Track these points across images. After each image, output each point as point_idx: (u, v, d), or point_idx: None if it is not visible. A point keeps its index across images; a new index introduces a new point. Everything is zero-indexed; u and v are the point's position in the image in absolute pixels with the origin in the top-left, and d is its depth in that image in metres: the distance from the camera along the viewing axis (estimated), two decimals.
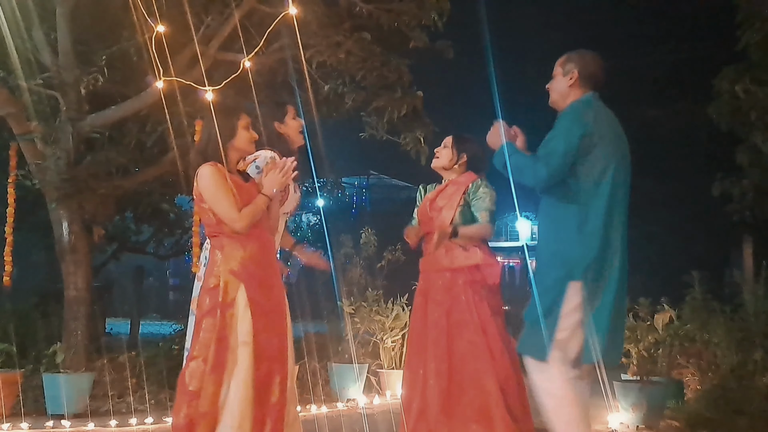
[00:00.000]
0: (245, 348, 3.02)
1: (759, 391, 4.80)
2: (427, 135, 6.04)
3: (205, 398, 2.98)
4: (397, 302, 6.40)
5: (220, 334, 3.03)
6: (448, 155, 4.03)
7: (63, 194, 5.57)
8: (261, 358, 3.05)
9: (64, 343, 5.52)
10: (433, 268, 3.96)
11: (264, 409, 3.04)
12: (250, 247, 3.14)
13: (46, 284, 9.45)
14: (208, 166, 3.15)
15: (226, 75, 5.13)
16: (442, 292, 3.90)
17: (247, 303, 3.07)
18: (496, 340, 3.82)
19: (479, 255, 3.90)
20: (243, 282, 3.09)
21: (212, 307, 3.07)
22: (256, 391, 3.02)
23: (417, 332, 3.98)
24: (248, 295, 3.08)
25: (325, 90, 6.06)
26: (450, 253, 3.92)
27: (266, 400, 3.05)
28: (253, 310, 3.07)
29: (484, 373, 3.73)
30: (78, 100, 5.61)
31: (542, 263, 3.31)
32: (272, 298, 3.18)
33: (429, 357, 3.83)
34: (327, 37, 5.68)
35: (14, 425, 4.78)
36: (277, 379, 3.08)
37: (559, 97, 3.33)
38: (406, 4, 5.79)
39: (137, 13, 4.88)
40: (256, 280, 3.12)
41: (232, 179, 3.15)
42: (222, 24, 5.68)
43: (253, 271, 3.12)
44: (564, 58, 3.35)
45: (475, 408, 3.71)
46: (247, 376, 3.00)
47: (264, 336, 3.08)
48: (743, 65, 7.06)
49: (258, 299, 3.10)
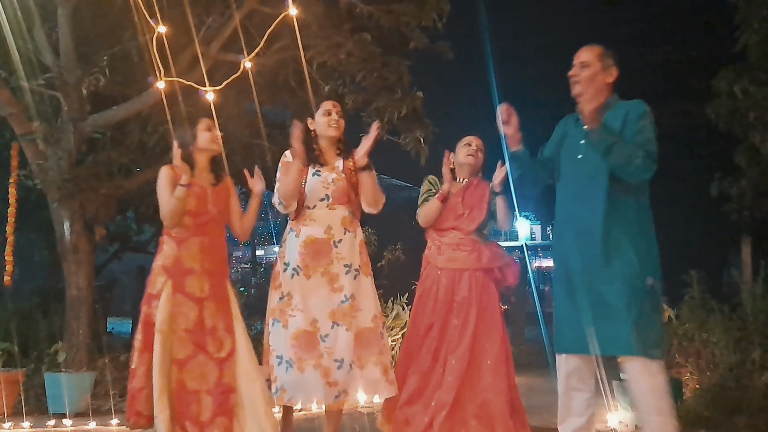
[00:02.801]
0: (159, 335, 3.46)
1: (757, 390, 4.82)
2: (427, 135, 6.06)
3: (140, 375, 3.51)
4: (397, 302, 6.42)
5: (147, 321, 3.54)
6: (481, 159, 4.13)
7: (64, 194, 5.59)
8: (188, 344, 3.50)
9: (66, 343, 5.54)
10: (464, 266, 3.98)
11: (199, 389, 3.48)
12: (188, 246, 3.58)
13: (48, 284, 9.47)
14: (164, 167, 3.65)
15: (226, 75, 5.17)
16: (473, 291, 3.94)
17: (169, 296, 3.51)
18: (507, 341, 3.93)
19: (506, 255, 4.00)
20: (170, 278, 3.55)
21: (145, 298, 3.60)
22: (188, 373, 3.47)
23: (441, 330, 3.95)
24: (173, 289, 3.53)
25: (326, 90, 6.08)
26: (482, 253, 3.97)
27: (201, 382, 3.48)
28: (174, 302, 3.51)
29: (495, 369, 3.80)
30: (79, 101, 5.63)
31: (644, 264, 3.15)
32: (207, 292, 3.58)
33: (449, 354, 3.85)
34: (327, 37, 5.70)
35: (16, 424, 4.80)
36: (211, 364, 3.50)
37: (595, 91, 3.20)
38: (406, 5, 5.81)
39: (138, 14, 4.90)
40: (185, 276, 3.55)
41: (192, 181, 3.58)
42: (223, 25, 5.70)
43: (184, 269, 3.56)
44: (600, 50, 3.24)
45: (478, 404, 3.76)
46: (162, 358, 3.43)
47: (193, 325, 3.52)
48: (742, 66, 7.08)
49: (185, 293, 3.53)
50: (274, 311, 3.70)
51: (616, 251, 3.10)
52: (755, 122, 6.96)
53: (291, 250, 3.71)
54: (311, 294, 3.64)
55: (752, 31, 6.88)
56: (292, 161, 3.72)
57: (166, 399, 3.41)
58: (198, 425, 3.44)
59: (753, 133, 7.05)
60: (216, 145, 3.71)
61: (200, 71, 5.11)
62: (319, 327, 3.61)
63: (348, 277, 3.66)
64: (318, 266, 3.65)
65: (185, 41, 5.43)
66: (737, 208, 7.95)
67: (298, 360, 3.57)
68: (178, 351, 3.49)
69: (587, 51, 3.24)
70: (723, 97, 6.93)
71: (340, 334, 3.61)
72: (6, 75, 5.69)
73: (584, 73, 3.21)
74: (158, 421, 3.40)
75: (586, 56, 3.23)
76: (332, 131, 3.77)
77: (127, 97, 5.80)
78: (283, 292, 3.68)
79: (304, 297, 3.64)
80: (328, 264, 3.65)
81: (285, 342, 3.61)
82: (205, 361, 3.51)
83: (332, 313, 3.62)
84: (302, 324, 3.60)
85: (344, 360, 3.59)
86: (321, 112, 3.79)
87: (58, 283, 8.09)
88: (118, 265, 11.39)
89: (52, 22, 5.62)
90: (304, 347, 3.57)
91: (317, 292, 3.64)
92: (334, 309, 3.62)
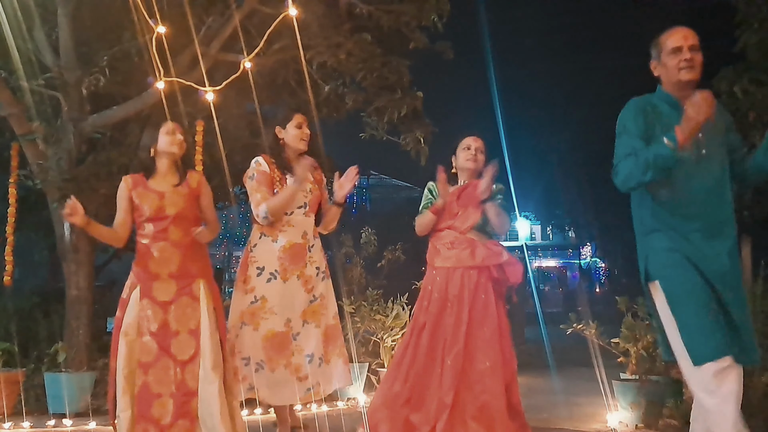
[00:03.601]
0: (123, 338, 3.59)
1: (757, 390, 4.82)
2: (427, 135, 6.06)
3: (112, 374, 3.62)
4: (397, 301, 6.42)
5: (117, 324, 3.65)
6: (482, 160, 4.10)
7: (64, 194, 5.58)
8: (152, 348, 3.58)
9: (66, 342, 5.54)
10: (458, 264, 3.97)
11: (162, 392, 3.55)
12: (153, 251, 3.66)
13: (48, 284, 9.48)
14: (123, 179, 3.80)
15: (226, 75, 5.16)
16: (465, 289, 3.92)
17: (137, 301, 3.62)
18: (508, 340, 3.89)
19: (505, 254, 3.96)
20: (139, 283, 3.66)
21: (120, 302, 3.69)
22: (152, 375, 3.55)
23: (434, 329, 3.94)
24: (141, 294, 3.63)
25: (326, 91, 6.08)
26: (476, 251, 3.95)
27: (164, 385, 3.56)
28: (141, 306, 3.62)
29: (492, 371, 3.78)
30: (79, 101, 5.63)
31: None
32: (173, 295, 3.65)
33: (447, 354, 3.85)
34: (327, 38, 5.69)
35: (16, 424, 4.80)
36: (175, 367, 3.58)
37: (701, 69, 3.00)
38: (406, 5, 5.81)
39: (138, 14, 4.90)
40: (152, 281, 3.64)
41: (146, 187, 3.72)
42: (223, 25, 5.70)
43: (151, 274, 3.65)
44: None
45: (478, 405, 3.75)
46: (127, 360, 3.57)
47: (158, 329, 3.60)
48: (742, 66, 7.08)
49: (151, 297, 3.62)
50: (243, 314, 3.87)
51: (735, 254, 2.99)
52: (755, 122, 6.97)
53: (266, 254, 3.91)
54: (287, 296, 3.87)
55: (752, 31, 6.89)
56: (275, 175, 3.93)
57: (128, 398, 3.56)
58: (159, 428, 3.53)
59: (753, 133, 7.05)
60: (177, 149, 3.77)
61: (200, 71, 5.11)
62: (292, 326, 3.87)
63: (318, 279, 4.00)
64: (295, 269, 3.91)
65: (185, 41, 5.43)
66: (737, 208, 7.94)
67: (269, 360, 3.81)
68: (142, 354, 3.60)
69: (694, 34, 2.98)
70: (723, 97, 6.93)
71: (311, 331, 3.91)
72: (6, 75, 5.68)
73: (698, 58, 2.96)
74: (119, 420, 3.57)
75: (695, 39, 2.97)
76: (303, 145, 4.00)
77: (127, 97, 5.80)
78: (256, 296, 3.86)
79: (281, 299, 3.85)
80: (303, 267, 3.93)
81: (255, 344, 3.82)
82: (169, 365, 3.59)
83: (304, 312, 3.91)
84: (275, 326, 3.83)
85: (314, 354, 3.88)
86: (294, 123, 3.99)
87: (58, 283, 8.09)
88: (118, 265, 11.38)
89: (52, 22, 5.62)
90: (276, 348, 3.80)
91: (293, 294, 3.89)
92: (306, 308, 3.92)
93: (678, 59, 2.94)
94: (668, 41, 2.99)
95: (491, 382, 3.76)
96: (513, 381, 3.87)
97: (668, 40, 2.99)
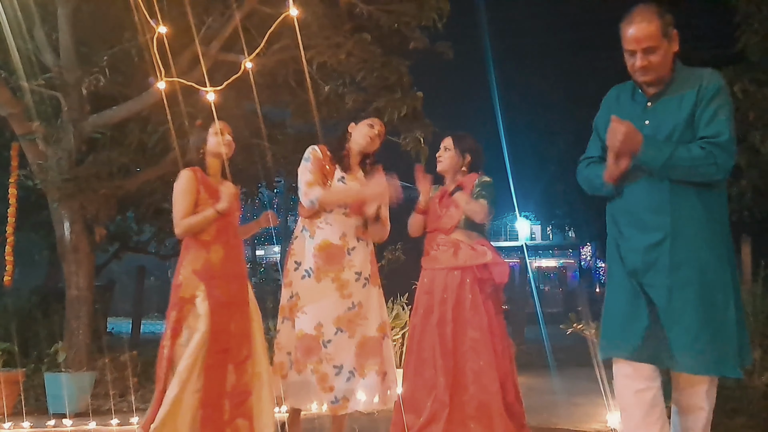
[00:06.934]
0: (198, 335, 3.42)
1: (756, 390, 4.83)
2: (427, 135, 6.06)
3: (159, 380, 3.42)
4: (397, 302, 6.41)
5: (176, 326, 3.46)
6: (452, 157, 4.01)
7: (64, 194, 5.60)
8: (214, 348, 3.43)
9: (66, 342, 5.55)
10: (440, 265, 3.96)
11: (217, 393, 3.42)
12: (215, 250, 3.55)
13: (48, 284, 9.49)
14: (187, 170, 3.59)
15: (227, 75, 5.15)
16: (449, 290, 3.90)
17: (205, 298, 3.46)
18: (499, 339, 3.87)
19: (488, 254, 3.92)
20: (203, 281, 3.50)
21: (175, 302, 3.49)
22: (207, 378, 3.39)
23: (422, 331, 3.95)
24: (207, 291, 3.48)
25: (326, 91, 6.08)
26: (459, 252, 3.93)
27: (220, 385, 3.44)
28: (210, 304, 3.46)
29: (486, 371, 3.77)
30: (80, 101, 5.64)
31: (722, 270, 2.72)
32: (233, 295, 3.56)
33: (437, 355, 3.85)
34: (327, 38, 5.70)
35: (16, 424, 4.80)
36: (231, 367, 3.47)
37: (665, 63, 2.69)
38: (406, 6, 5.81)
39: (139, 14, 4.90)
40: (216, 279, 3.51)
41: (207, 184, 3.57)
42: (223, 25, 5.71)
43: (215, 272, 3.53)
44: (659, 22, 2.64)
45: (474, 405, 3.75)
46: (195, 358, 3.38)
47: (220, 328, 3.46)
48: (742, 66, 7.09)
49: (217, 296, 3.48)
50: (284, 309, 3.75)
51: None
52: (755, 122, 6.97)
53: (303, 250, 3.74)
54: (319, 298, 3.65)
55: (752, 31, 6.91)
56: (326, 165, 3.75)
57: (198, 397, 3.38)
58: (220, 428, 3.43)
59: (753, 133, 7.06)
60: (226, 149, 3.67)
61: (200, 71, 5.11)
62: (323, 332, 3.62)
63: (357, 285, 3.70)
64: (330, 271, 3.67)
65: (185, 41, 5.43)
66: (737, 208, 7.96)
67: (296, 362, 3.63)
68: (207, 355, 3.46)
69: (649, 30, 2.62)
70: None
71: (343, 340, 3.63)
72: (6, 75, 5.69)
73: (655, 59, 2.65)
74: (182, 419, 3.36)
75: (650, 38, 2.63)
76: (365, 141, 3.81)
77: (127, 97, 5.81)
78: (293, 291, 3.71)
79: (312, 300, 3.66)
80: (340, 270, 3.67)
81: (292, 340, 3.67)
82: (227, 365, 3.50)
83: (338, 318, 3.63)
84: (304, 327, 3.63)
85: (344, 367, 3.61)
86: (367, 122, 3.84)
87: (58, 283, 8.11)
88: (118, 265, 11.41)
89: (52, 22, 5.62)
90: (304, 350, 3.61)
91: (325, 297, 3.65)
92: (340, 315, 3.65)
93: (632, 62, 2.70)
94: (624, 37, 2.70)
95: (487, 381, 3.75)
96: (508, 379, 3.85)
97: (624, 36, 2.69)
